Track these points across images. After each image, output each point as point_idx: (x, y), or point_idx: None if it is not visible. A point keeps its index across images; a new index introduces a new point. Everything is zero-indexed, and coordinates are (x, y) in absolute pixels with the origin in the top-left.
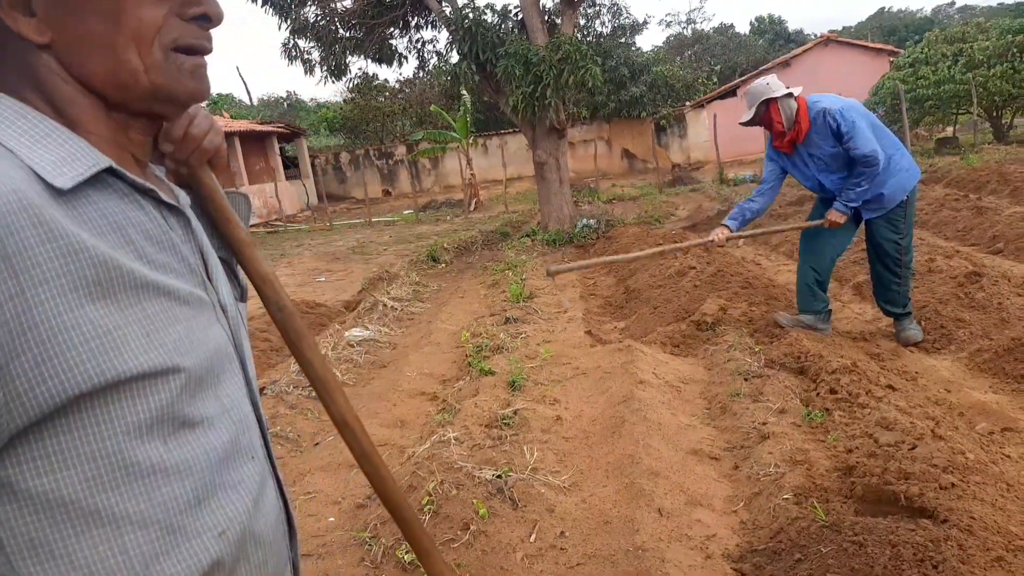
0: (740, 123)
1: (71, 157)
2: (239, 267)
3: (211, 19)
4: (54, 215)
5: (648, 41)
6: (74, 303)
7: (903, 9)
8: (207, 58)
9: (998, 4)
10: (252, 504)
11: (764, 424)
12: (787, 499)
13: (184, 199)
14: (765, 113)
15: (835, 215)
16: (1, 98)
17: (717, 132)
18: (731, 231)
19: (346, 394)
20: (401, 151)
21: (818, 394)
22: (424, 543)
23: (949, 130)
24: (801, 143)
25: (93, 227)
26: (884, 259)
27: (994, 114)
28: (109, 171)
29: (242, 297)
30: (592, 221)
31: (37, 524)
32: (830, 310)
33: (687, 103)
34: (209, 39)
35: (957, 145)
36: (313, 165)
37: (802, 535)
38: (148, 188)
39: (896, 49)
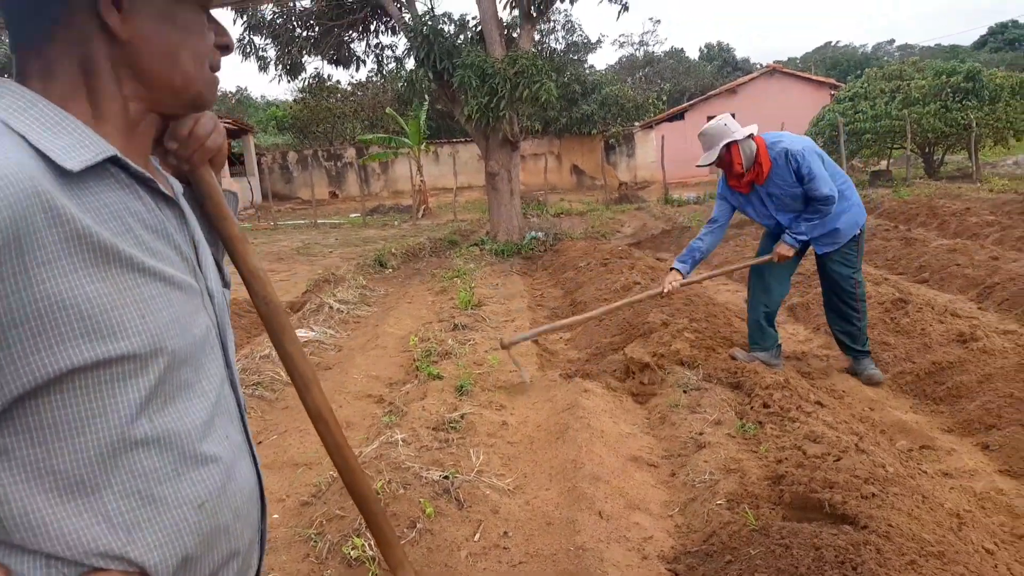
0: (698, 165)
1: (80, 144)
2: (226, 258)
3: (229, 49)
4: (63, 202)
5: (601, 60)
6: (74, 283)
7: (847, 44)
8: None
9: (935, 45)
10: (227, 478)
11: (701, 434)
12: (720, 504)
13: (178, 189)
14: (726, 155)
15: (784, 248)
16: (11, 87)
17: (664, 153)
18: (683, 275)
19: (322, 388)
20: (350, 153)
21: (752, 408)
22: (387, 534)
23: (884, 163)
24: (761, 184)
25: (96, 214)
26: (840, 294)
27: (926, 150)
28: (113, 160)
29: (226, 284)
30: (540, 234)
31: (28, 492)
32: (780, 344)
33: (636, 123)
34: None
35: (890, 178)
36: (259, 163)
37: (733, 538)
38: (148, 178)
39: (837, 83)
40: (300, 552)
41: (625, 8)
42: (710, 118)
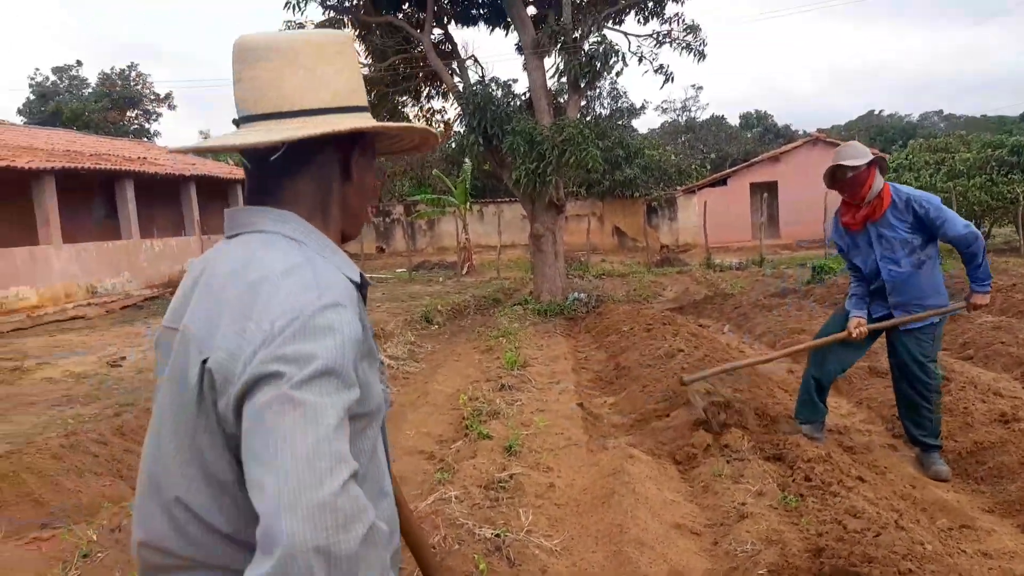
0: (841, 163)
1: (347, 262)
2: None
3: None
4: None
5: (645, 125)
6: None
7: (891, 113)
8: None
9: (981, 116)
10: (395, 512)
11: (743, 504)
12: (761, 575)
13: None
14: (865, 172)
15: (979, 298)
16: (292, 216)
17: (706, 218)
18: (863, 319)
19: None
20: (399, 210)
21: (794, 480)
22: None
23: None
24: (874, 222)
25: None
26: (911, 380)
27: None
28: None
29: None
30: (583, 295)
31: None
32: (824, 422)
33: (679, 187)
34: None
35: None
36: None
37: None
38: (367, 283)
39: (882, 153)
40: None
41: (670, 79)
42: (754, 184)
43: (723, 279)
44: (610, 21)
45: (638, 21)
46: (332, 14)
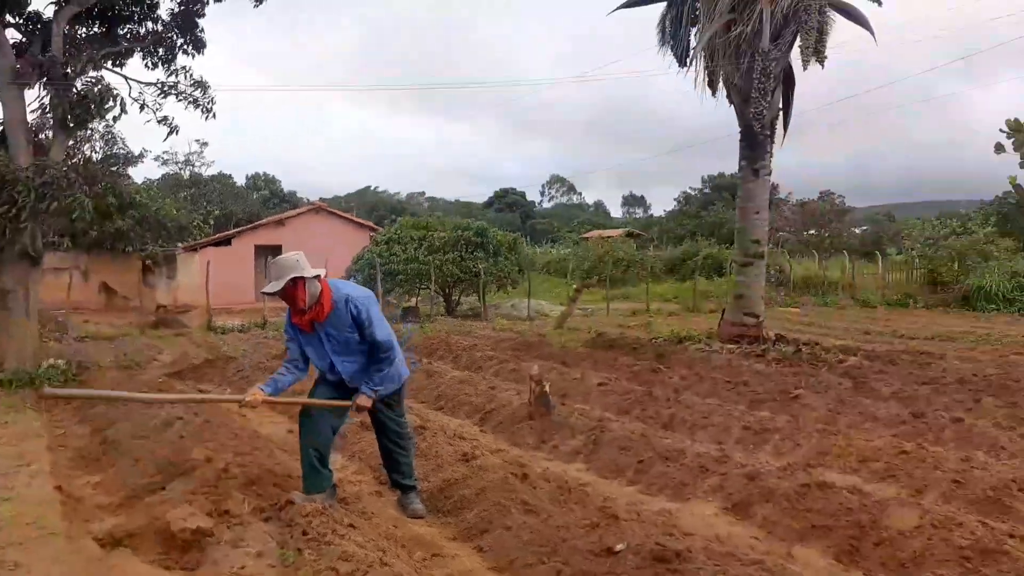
0: (264, 292)
1: None
2: None
3: None
4: None
5: (142, 174)
6: None
7: (384, 190)
8: None
9: (455, 200)
10: None
11: (243, 568)
12: None
13: None
14: (291, 288)
15: (364, 400)
16: None
17: (209, 278)
18: (266, 395)
19: None
20: None
21: (292, 536)
22: None
23: (413, 300)
24: (320, 323)
25: None
26: (389, 434)
27: (446, 291)
28: None
29: None
30: (61, 362)
31: None
32: (335, 484)
33: (179, 244)
34: None
35: (418, 314)
36: None
37: None
38: None
39: (376, 227)
40: None
41: (175, 131)
42: (259, 247)
43: (225, 342)
44: (110, 62)
45: (145, 66)
46: None
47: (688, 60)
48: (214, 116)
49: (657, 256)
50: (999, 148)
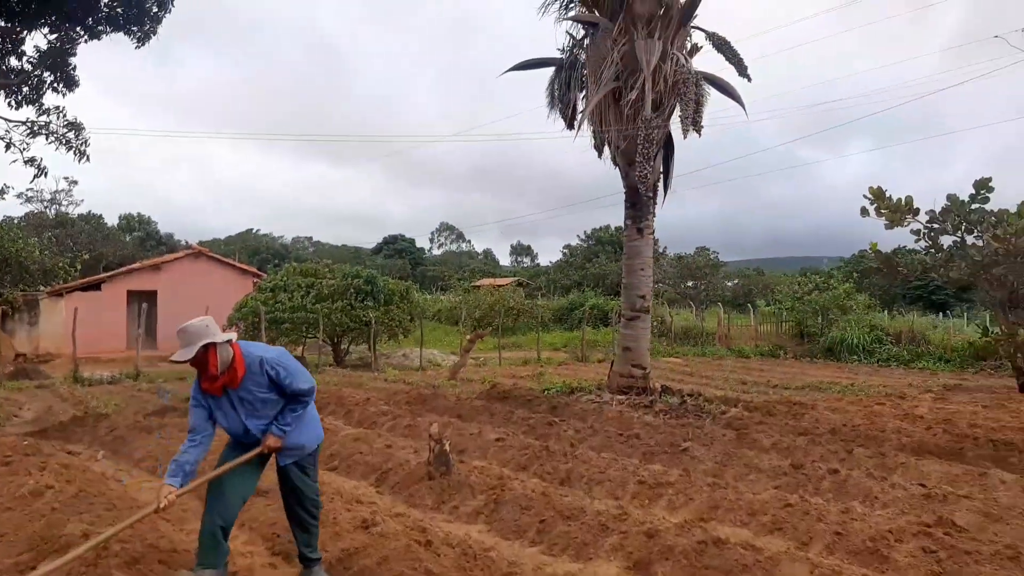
0: (173, 360)
1: None
2: None
3: None
4: None
5: (2, 212)
6: None
7: (267, 233)
8: None
9: (342, 245)
10: None
11: None
12: None
13: None
14: (203, 355)
15: (273, 440)
16: None
17: (76, 326)
18: (177, 488)
19: None
20: None
21: None
22: None
23: (300, 350)
24: (235, 388)
25: None
26: (304, 503)
27: (335, 340)
28: None
29: None
30: None
31: None
32: (227, 560)
33: (43, 288)
34: None
35: (305, 364)
36: None
37: None
38: None
39: (260, 272)
40: None
41: (43, 173)
42: (132, 292)
43: (94, 395)
44: None
45: (9, 105)
46: None
47: (576, 124)
48: (87, 159)
49: (546, 305)
50: (864, 212)
